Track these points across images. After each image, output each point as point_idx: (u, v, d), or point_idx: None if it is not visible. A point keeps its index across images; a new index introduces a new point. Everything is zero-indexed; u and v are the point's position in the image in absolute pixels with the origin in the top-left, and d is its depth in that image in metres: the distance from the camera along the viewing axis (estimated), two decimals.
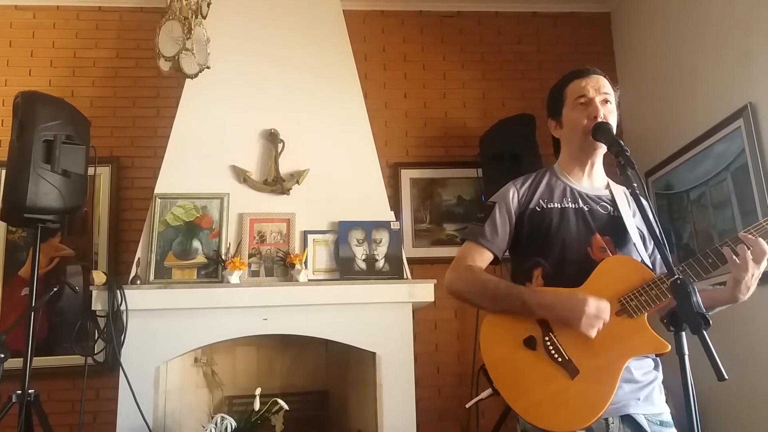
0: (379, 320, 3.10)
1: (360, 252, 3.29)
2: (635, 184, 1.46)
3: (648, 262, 1.67)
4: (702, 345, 1.19)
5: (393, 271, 3.27)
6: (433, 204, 3.92)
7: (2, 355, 2.49)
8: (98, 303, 2.96)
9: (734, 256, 1.48)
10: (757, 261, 1.47)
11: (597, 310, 1.46)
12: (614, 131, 1.61)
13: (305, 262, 3.19)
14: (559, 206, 1.69)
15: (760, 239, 1.48)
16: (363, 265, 3.27)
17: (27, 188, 2.68)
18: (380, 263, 3.28)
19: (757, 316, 2.89)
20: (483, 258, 1.71)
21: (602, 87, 1.69)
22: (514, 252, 1.76)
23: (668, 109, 3.65)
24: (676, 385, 1.26)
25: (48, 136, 2.77)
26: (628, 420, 1.52)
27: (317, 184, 3.41)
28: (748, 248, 1.47)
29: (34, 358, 2.75)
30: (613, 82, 1.76)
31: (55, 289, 2.83)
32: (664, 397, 1.61)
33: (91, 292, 2.98)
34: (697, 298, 1.23)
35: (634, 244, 1.66)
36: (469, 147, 3.91)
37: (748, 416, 2.95)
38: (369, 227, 3.33)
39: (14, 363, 2.67)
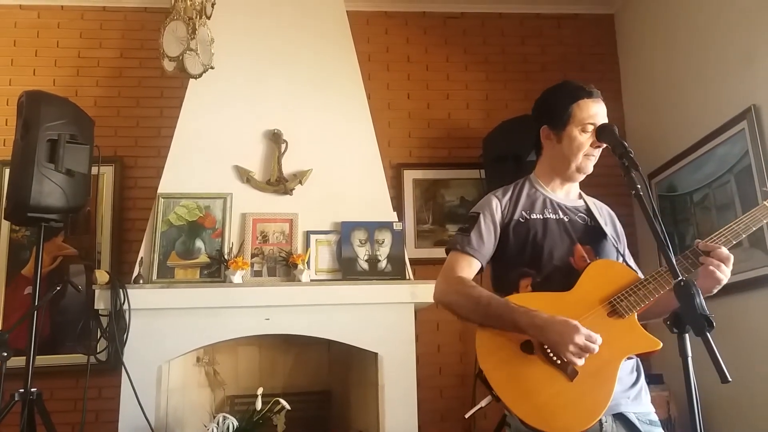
0: (381, 321, 3.10)
1: (362, 252, 3.29)
2: (639, 186, 1.46)
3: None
4: (705, 347, 1.19)
5: (395, 272, 3.27)
6: (436, 205, 3.92)
7: (5, 354, 2.50)
8: (101, 302, 2.96)
9: (714, 270, 1.52)
10: (727, 271, 1.53)
11: (587, 340, 1.44)
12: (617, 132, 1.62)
13: (308, 263, 3.20)
14: (541, 217, 1.72)
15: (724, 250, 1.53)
16: (365, 266, 3.27)
17: (31, 187, 2.68)
18: (383, 264, 3.28)
19: (760, 318, 2.89)
20: (471, 268, 1.71)
21: (606, 116, 1.72)
22: (496, 262, 1.76)
23: (672, 111, 3.65)
24: (680, 386, 1.25)
25: (52, 135, 2.78)
26: (621, 418, 1.54)
27: (320, 185, 3.41)
28: (722, 262, 1.52)
29: (37, 357, 2.75)
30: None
31: (58, 288, 2.83)
32: (649, 398, 1.64)
33: (94, 291, 2.98)
34: (701, 300, 1.23)
35: (616, 248, 1.72)
36: (472, 148, 3.91)
37: (751, 418, 2.95)
38: (372, 228, 3.33)
39: (17, 362, 2.68)
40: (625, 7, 4.18)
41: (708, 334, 1.19)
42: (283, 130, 3.45)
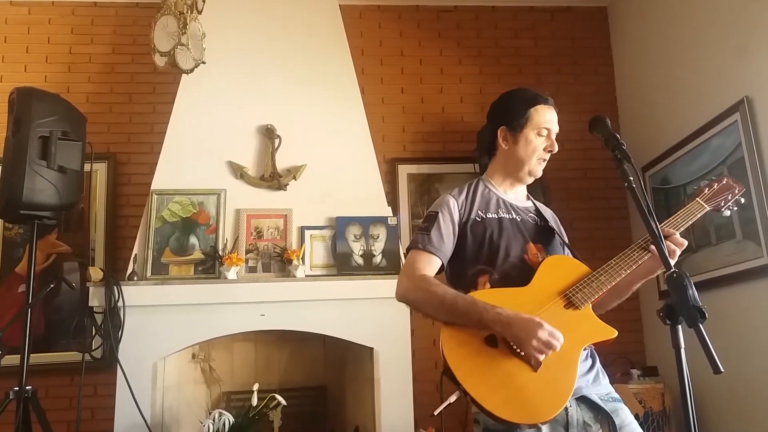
0: (376, 315, 3.10)
1: (357, 247, 3.29)
2: (631, 178, 1.46)
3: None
4: (698, 338, 1.20)
5: (390, 267, 3.27)
6: (431, 199, 3.91)
7: (0, 352, 2.49)
8: (95, 299, 2.96)
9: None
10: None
11: (549, 337, 1.48)
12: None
13: (302, 258, 3.20)
14: (496, 216, 1.79)
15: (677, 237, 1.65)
16: (360, 261, 3.27)
17: (23, 184, 2.66)
18: (377, 258, 3.29)
19: (753, 309, 2.90)
20: (432, 266, 1.74)
21: (557, 122, 1.84)
22: (454, 260, 1.79)
23: (665, 103, 3.65)
24: (674, 378, 1.26)
25: (44, 132, 2.75)
26: (584, 400, 1.60)
27: (314, 180, 3.41)
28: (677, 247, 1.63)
29: (32, 355, 2.74)
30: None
31: (52, 286, 2.82)
32: (607, 379, 1.71)
33: (88, 288, 2.98)
34: (693, 292, 1.24)
35: (566, 245, 1.83)
36: (466, 142, 3.91)
37: (745, 409, 2.96)
38: (366, 223, 3.33)
39: (12, 360, 2.68)
40: None
41: (700, 325, 1.20)
42: (277, 125, 3.44)
